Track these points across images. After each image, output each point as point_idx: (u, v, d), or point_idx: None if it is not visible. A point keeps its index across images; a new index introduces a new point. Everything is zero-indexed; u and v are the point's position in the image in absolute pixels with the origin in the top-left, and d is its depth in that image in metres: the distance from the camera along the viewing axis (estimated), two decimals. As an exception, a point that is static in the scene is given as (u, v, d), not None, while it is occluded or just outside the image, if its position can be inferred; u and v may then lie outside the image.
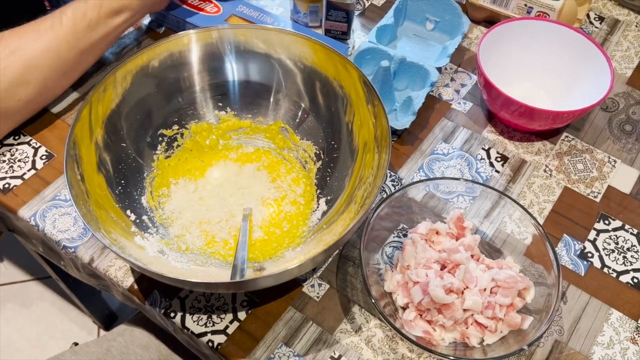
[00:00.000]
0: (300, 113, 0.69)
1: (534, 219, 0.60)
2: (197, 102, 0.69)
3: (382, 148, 0.59)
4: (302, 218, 0.64)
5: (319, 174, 0.67)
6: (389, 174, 0.71)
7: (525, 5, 0.81)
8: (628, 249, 0.65)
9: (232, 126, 0.70)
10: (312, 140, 0.68)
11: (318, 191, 0.66)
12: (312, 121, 0.68)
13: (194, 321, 0.59)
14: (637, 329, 0.60)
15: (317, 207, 0.65)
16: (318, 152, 0.68)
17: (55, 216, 0.66)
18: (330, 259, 0.63)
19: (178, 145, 0.68)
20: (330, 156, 0.67)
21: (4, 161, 0.70)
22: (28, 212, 0.67)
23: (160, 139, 0.67)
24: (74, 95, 0.76)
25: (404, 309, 0.59)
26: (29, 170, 0.69)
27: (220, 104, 0.70)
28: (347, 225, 0.57)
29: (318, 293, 0.61)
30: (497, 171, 0.71)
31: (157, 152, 0.67)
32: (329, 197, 0.65)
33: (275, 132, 0.70)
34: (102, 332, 1.36)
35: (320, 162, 0.67)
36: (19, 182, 0.68)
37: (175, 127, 0.68)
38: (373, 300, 0.54)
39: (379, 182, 0.55)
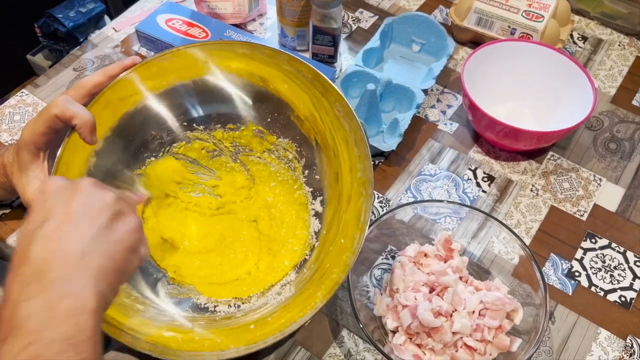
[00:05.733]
0: (267, 110, 0.65)
1: (520, 239, 0.60)
2: (162, 129, 0.65)
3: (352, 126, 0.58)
4: (303, 226, 0.64)
5: (305, 171, 0.65)
6: (376, 195, 0.71)
7: (509, 27, 0.82)
8: (615, 267, 0.66)
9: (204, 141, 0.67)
10: (289, 138, 0.65)
11: (310, 189, 0.64)
12: (283, 118, 0.65)
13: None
14: (625, 348, 0.60)
15: (314, 212, 0.64)
16: (299, 149, 0.65)
17: (44, 244, 0.66)
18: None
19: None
20: (311, 152, 0.64)
21: (-7, 189, 0.70)
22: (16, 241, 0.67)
23: (136, 178, 0.64)
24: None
25: (393, 332, 0.59)
26: (17, 198, 0.69)
27: (185, 124, 0.66)
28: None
29: (307, 317, 0.61)
30: (484, 191, 0.72)
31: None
32: (321, 198, 0.63)
33: (250, 136, 0.67)
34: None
35: (304, 159, 0.65)
36: (7, 210, 0.68)
37: (148, 160, 0.65)
38: (361, 326, 0.55)
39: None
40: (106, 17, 1.68)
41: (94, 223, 0.40)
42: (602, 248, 0.67)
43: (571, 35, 0.90)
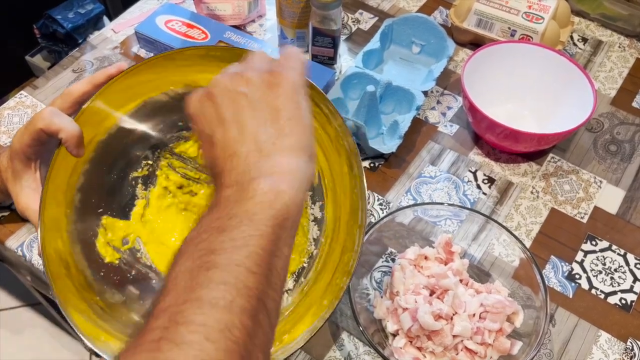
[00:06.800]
0: None
1: (520, 242, 0.60)
2: (154, 135, 0.64)
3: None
4: (300, 232, 0.63)
5: None
6: (376, 198, 0.71)
7: (509, 28, 0.82)
8: (615, 270, 0.66)
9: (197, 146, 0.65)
10: None
11: (309, 192, 0.63)
12: None
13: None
14: (625, 350, 0.60)
15: (313, 217, 0.63)
16: None
17: (43, 246, 0.66)
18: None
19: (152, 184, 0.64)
20: None
21: (-8, 191, 0.70)
22: (15, 243, 0.66)
23: (133, 182, 0.63)
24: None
25: (394, 335, 0.59)
26: (16, 201, 0.69)
27: (181, 124, 0.64)
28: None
29: (307, 320, 0.61)
30: (484, 193, 0.72)
31: (137, 197, 0.63)
32: (321, 203, 0.63)
33: None
34: (94, 358, 1.35)
35: None
36: (6, 212, 0.68)
37: (144, 162, 0.63)
38: (361, 329, 0.54)
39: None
40: (105, 19, 1.68)
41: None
42: (602, 250, 0.67)
43: (571, 37, 0.90)
